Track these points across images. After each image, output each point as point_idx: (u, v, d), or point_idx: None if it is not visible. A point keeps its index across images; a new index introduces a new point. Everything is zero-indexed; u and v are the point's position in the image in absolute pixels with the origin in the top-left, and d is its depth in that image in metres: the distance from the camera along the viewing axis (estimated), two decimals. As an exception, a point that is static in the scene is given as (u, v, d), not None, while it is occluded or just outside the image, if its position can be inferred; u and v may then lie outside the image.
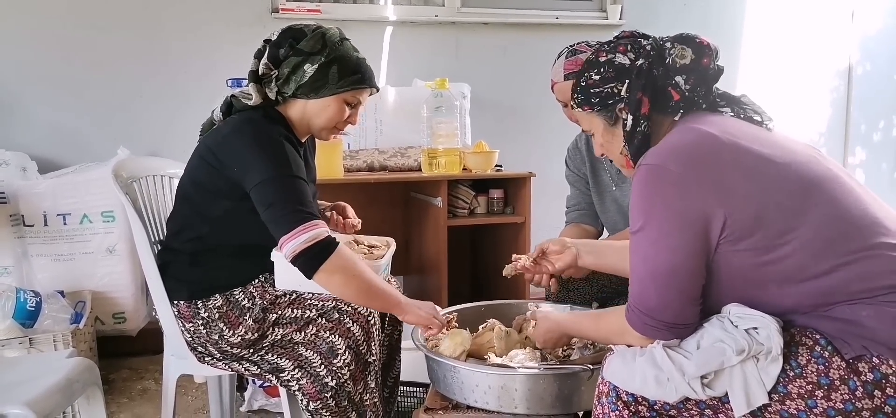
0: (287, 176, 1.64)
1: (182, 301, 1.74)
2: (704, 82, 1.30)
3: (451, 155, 2.80)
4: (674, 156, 1.22)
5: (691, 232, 1.18)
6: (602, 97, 1.33)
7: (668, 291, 1.20)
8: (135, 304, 2.79)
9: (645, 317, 1.23)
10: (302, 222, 1.60)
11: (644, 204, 1.22)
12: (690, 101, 1.30)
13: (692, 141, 1.24)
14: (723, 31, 3.84)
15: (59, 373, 1.64)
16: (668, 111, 1.31)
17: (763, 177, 1.19)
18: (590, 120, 1.38)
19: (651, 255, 1.21)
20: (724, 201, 1.17)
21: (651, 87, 1.29)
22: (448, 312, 1.95)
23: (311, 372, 1.69)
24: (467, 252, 3.36)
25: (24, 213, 2.68)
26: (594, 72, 1.34)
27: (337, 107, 1.76)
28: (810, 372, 1.14)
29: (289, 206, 1.62)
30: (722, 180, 1.18)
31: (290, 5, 3.28)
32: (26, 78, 3.04)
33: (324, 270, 1.61)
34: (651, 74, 1.29)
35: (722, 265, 1.20)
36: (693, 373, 1.16)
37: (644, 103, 1.28)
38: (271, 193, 1.62)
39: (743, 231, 1.17)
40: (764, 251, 1.17)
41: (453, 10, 3.53)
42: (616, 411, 1.25)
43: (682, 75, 1.29)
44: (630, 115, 1.29)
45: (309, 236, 1.60)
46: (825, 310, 1.17)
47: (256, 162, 1.64)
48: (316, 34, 1.73)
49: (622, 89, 1.30)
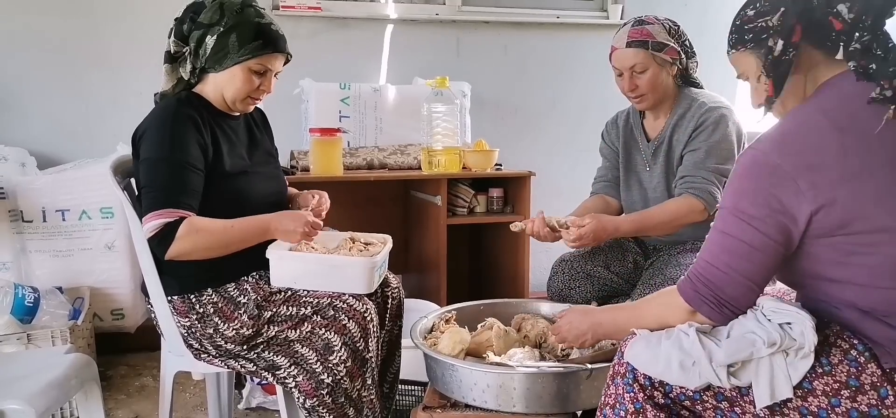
0: (164, 158, 1.66)
1: (176, 296, 1.74)
2: (870, 10, 1.19)
3: (451, 153, 2.80)
4: (779, 146, 1.20)
5: (776, 222, 1.18)
6: (755, 32, 1.26)
7: (736, 269, 1.20)
8: (133, 301, 2.79)
9: (701, 287, 1.23)
10: (160, 207, 1.63)
11: (739, 184, 1.22)
12: (853, 32, 1.19)
13: (802, 133, 1.20)
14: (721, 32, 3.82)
15: (57, 369, 1.64)
16: (828, 46, 1.22)
17: (863, 180, 1.16)
18: (744, 61, 1.31)
19: (732, 231, 1.21)
20: (815, 197, 1.16)
21: (807, 15, 1.21)
22: (447, 311, 1.95)
23: (307, 370, 1.69)
24: (466, 251, 3.36)
25: (22, 209, 2.67)
26: (749, 8, 1.29)
27: (243, 76, 1.74)
28: (840, 372, 1.13)
29: (154, 190, 1.65)
30: (817, 175, 1.16)
31: (290, 2, 3.27)
32: (26, 73, 3.04)
33: (172, 247, 1.63)
34: (810, 2, 1.22)
35: (804, 256, 1.21)
36: (722, 361, 1.16)
37: (796, 31, 1.21)
38: (144, 174, 1.67)
39: (829, 228, 1.17)
40: (844, 253, 1.17)
41: (454, 8, 3.53)
42: (631, 393, 1.24)
43: (844, 3, 1.20)
44: (780, 41, 1.22)
45: (160, 222, 1.62)
46: (880, 317, 1.16)
47: (144, 143, 1.69)
48: (214, 4, 1.72)
49: (775, 18, 1.24)
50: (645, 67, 2.01)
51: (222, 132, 1.79)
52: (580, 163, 3.31)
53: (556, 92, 3.64)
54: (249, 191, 1.79)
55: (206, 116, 1.75)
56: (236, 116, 1.86)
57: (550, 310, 2.00)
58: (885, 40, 1.20)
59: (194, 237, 1.64)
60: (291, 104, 3.07)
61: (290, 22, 3.20)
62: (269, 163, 1.94)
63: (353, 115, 3.04)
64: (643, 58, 2.01)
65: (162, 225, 1.63)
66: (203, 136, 1.72)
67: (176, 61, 1.77)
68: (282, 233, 1.74)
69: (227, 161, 1.76)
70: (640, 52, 2.01)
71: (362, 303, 1.73)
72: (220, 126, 1.79)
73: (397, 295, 1.98)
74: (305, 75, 3.05)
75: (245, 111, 1.86)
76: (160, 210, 1.63)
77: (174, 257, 1.65)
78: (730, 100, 2.11)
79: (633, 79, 2.04)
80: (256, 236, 1.73)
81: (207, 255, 1.69)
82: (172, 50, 1.76)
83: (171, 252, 1.64)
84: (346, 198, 2.07)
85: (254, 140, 1.91)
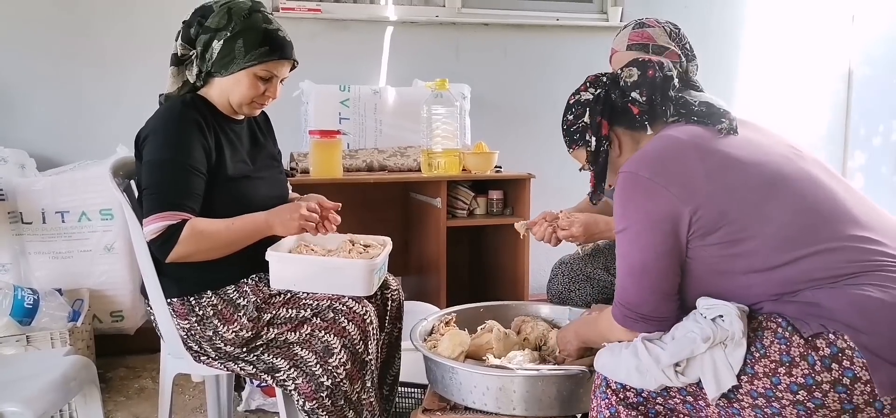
0: (167, 161, 1.66)
1: (175, 298, 1.74)
2: (656, 90, 1.41)
3: (451, 155, 2.80)
4: (644, 162, 1.34)
5: (660, 230, 1.28)
6: (578, 131, 1.48)
7: (642, 286, 1.31)
8: (133, 303, 2.78)
9: (625, 311, 1.34)
10: (161, 210, 1.63)
11: (621, 207, 1.34)
12: (653, 110, 1.41)
13: (661, 147, 1.36)
14: (723, 34, 3.84)
15: (57, 371, 1.64)
16: (637, 125, 1.42)
17: (726, 176, 1.29)
18: (578, 156, 1.51)
19: (628, 253, 1.33)
20: (689, 200, 1.27)
21: (609, 109, 1.43)
22: (447, 313, 1.95)
23: (306, 372, 1.69)
24: (466, 253, 3.36)
25: (22, 211, 2.67)
26: (568, 114, 1.50)
27: (249, 81, 1.74)
28: (773, 352, 1.20)
29: (156, 192, 1.65)
30: (687, 181, 1.28)
31: (290, 4, 3.27)
32: (25, 75, 3.03)
33: (175, 250, 1.63)
34: (609, 99, 1.44)
35: (695, 260, 1.30)
36: (666, 362, 1.25)
37: (603, 125, 1.43)
38: (147, 175, 1.67)
39: (708, 227, 1.26)
40: (730, 245, 1.26)
41: (454, 10, 3.53)
42: (606, 400, 1.35)
43: (635, 91, 1.42)
44: (593, 137, 1.44)
45: (162, 225, 1.62)
46: (790, 297, 1.24)
47: (148, 145, 1.69)
48: (222, 8, 1.72)
49: (585, 117, 1.46)
50: None
51: (226, 136, 1.78)
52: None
53: (556, 94, 3.61)
54: (252, 196, 1.79)
55: (210, 119, 1.75)
56: (240, 120, 1.86)
57: (550, 313, 2.00)
58: (682, 101, 1.41)
59: (197, 239, 1.64)
60: (291, 106, 3.06)
61: (290, 24, 3.17)
62: (271, 166, 1.94)
63: (353, 117, 3.04)
64: None
65: (164, 227, 1.62)
66: (207, 140, 1.71)
67: (182, 64, 1.77)
68: (280, 225, 1.74)
69: (230, 165, 1.76)
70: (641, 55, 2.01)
71: (362, 305, 1.73)
72: (224, 129, 1.79)
73: (397, 297, 1.98)
74: (305, 77, 3.04)
75: (250, 115, 1.85)
76: (162, 212, 1.63)
77: (176, 260, 1.65)
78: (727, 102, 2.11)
79: None
80: (257, 233, 1.73)
81: (209, 257, 1.68)
82: (179, 53, 1.75)
83: (173, 254, 1.64)
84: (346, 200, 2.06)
85: (257, 143, 1.91)
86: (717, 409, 1.25)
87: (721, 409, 1.25)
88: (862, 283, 1.20)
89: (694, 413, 1.30)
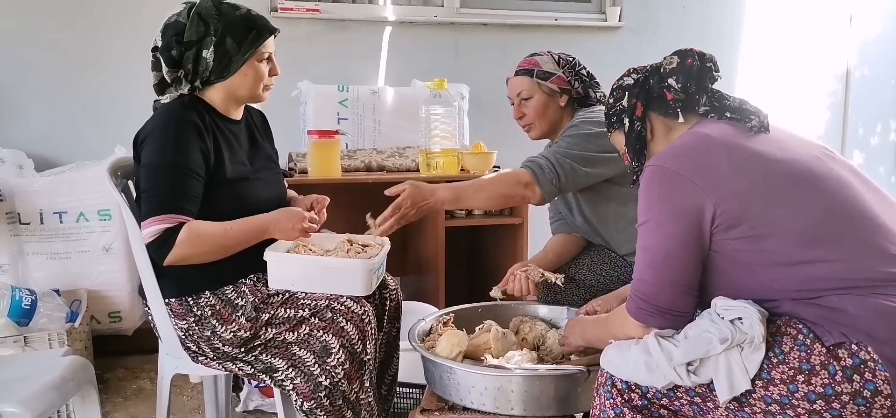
0: (165, 164, 1.65)
1: (173, 298, 1.74)
2: (692, 78, 1.42)
3: (449, 155, 2.80)
4: (671, 156, 1.34)
5: (685, 221, 1.28)
6: (616, 115, 1.50)
7: (662, 277, 1.30)
8: (130, 303, 2.78)
9: (641, 302, 1.32)
10: (159, 213, 1.63)
11: (646, 200, 1.34)
12: (687, 98, 1.42)
13: (688, 143, 1.37)
14: (722, 35, 3.84)
15: (54, 372, 1.64)
16: (670, 112, 1.43)
17: (752, 171, 1.30)
18: (617, 140, 1.53)
19: (649, 244, 1.32)
20: (713, 192, 1.27)
21: (645, 94, 1.45)
22: (445, 313, 1.95)
23: (304, 372, 1.69)
24: (465, 253, 3.36)
25: (20, 211, 2.67)
26: (610, 98, 1.53)
27: (253, 71, 1.77)
28: (793, 359, 1.19)
29: (154, 195, 1.65)
30: (712, 174, 1.29)
31: (288, 4, 3.27)
32: (23, 75, 3.03)
33: (172, 253, 1.63)
34: (647, 83, 1.46)
35: (719, 253, 1.29)
36: (679, 360, 1.24)
37: (638, 107, 1.45)
38: (145, 178, 1.67)
39: (733, 220, 1.26)
40: (753, 240, 1.26)
41: (452, 10, 3.53)
42: (610, 399, 1.33)
43: (672, 77, 1.42)
44: (627, 119, 1.46)
45: (159, 228, 1.62)
46: (812, 298, 1.22)
47: (146, 147, 1.68)
48: (192, 18, 1.71)
49: (624, 101, 1.48)
50: (530, 95, 2.09)
51: (224, 137, 1.78)
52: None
53: (555, 94, 3.63)
54: (250, 197, 1.79)
55: (208, 122, 1.75)
56: (238, 121, 1.86)
57: (548, 313, 2.00)
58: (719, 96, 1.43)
59: (194, 242, 1.64)
60: (290, 106, 3.06)
61: (289, 24, 3.20)
62: (269, 168, 1.94)
63: (352, 118, 3.04)
64: (528, 85, 2.09)
65: (162, 230, 1.62)
66: (205, 142, 1.71)
67: (170, 85, 1.76)
68: (279, 231, 1.74)
69: (229, 167, 1.76)
70: (526, 80, 2.10)
71: (360, 305, 1.73)
72: (223, 131, 1.79)
73: (395, 297, 1.98)
74: (304, 77, 3.04)
75: (264, 99, 1.87)
76: (159, 215, 1.62)
77: (173, 262, 1.64)
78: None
79: (521, 106, 2.12)
80: (255, 236, 1.73)
81: (206, 260, 1.68)
82: (168, 79, 1.75)
83: (170, 257, 1.63)
84: (344, 200, 2.07)
85: (255, 145, 1.91)
86: (725, 412, 1.24)
87: (730, 413, 1.24)
88: (889, 293, 1.18)
89: (700, 415, 1.28)
